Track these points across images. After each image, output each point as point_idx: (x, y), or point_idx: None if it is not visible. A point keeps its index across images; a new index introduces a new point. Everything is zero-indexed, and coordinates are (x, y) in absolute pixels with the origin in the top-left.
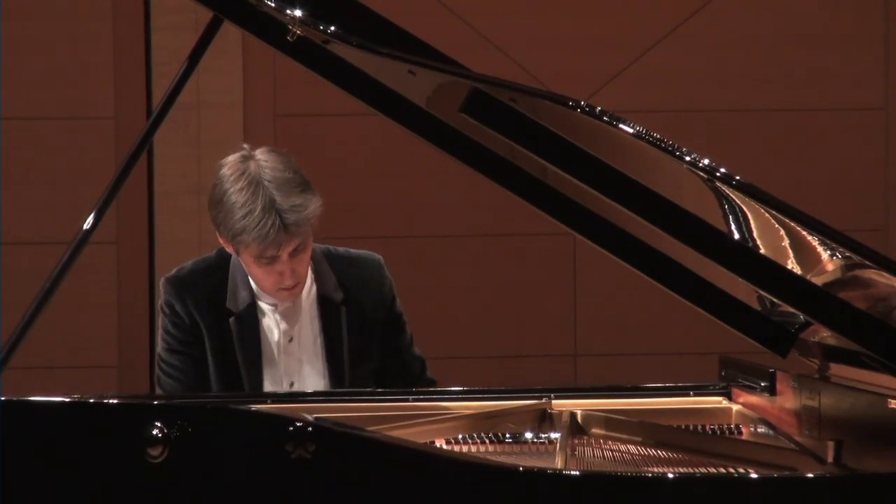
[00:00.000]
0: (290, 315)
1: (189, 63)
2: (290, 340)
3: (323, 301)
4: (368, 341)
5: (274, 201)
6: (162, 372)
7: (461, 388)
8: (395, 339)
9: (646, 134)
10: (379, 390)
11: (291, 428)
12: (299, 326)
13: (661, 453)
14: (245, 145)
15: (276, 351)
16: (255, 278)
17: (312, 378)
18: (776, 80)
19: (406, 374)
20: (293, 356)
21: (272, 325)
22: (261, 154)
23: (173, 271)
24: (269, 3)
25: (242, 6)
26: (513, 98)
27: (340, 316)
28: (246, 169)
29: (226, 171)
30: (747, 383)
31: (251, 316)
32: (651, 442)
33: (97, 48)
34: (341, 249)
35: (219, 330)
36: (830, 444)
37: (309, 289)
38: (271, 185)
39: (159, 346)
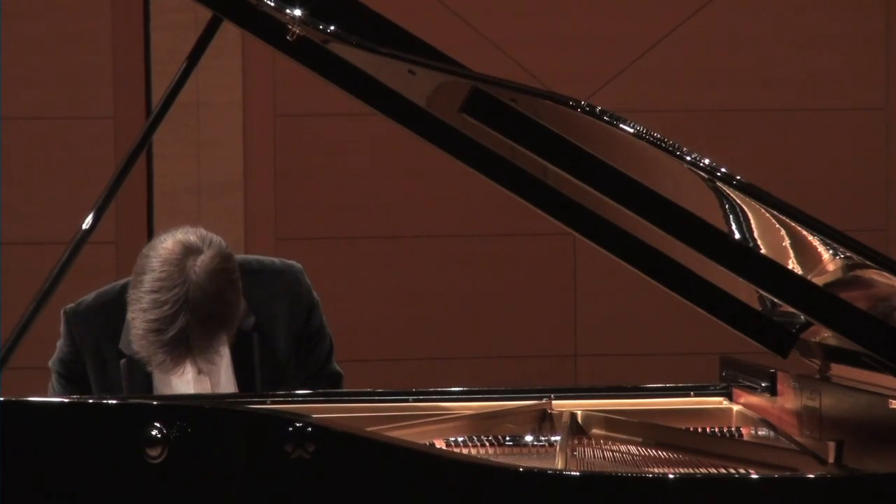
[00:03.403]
0: None
1: (188, 62)
2: (200, 373)
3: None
4: (284, 363)
5: (187, 335)
6: (53, 379)
7: (461, 388)
8: (306, 354)
9: (646, 134)
10: (379, 390)
11: (291, 428)
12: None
13: (662, 454)
14: (191, 237)
15: (184, 384)
16: None
17: None
18: (776, 81)
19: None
20: (204, 388)
21: None
22: (200, 268)
23: (73, 304)
24: (269, 2)
25: (242, 6)
26: (513, 98)
27: (252, 343)
28: (178, 280)
29: (157, 261)
30: (748, 384)
31: None
32: (651, 442)
33: (97, 48)
34: (255, 263)
35: (105, 370)
36: (831, 445)
37: None
38: (194, 314)
39: (53, 357)
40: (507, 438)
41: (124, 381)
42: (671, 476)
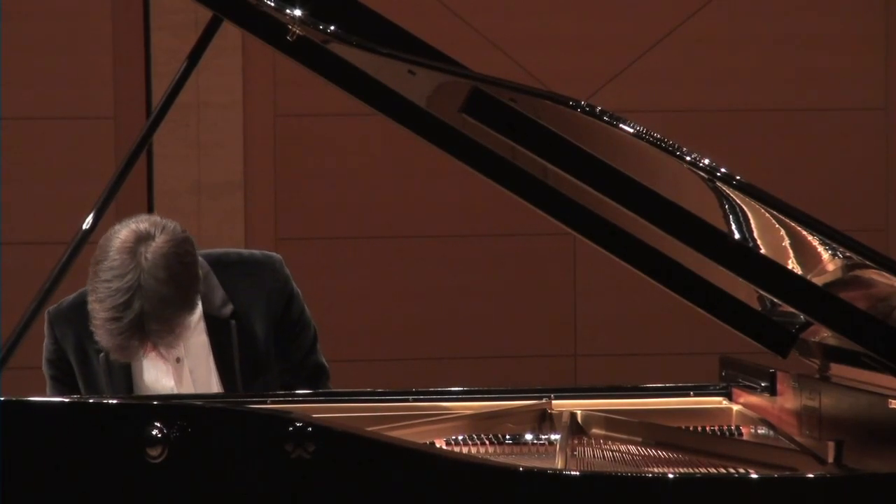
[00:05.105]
0: None
1: (188, 63)
2: (178, 361)
3: (210, 319)
4: (265, 351)
5: (143, 319)
6: (47, 385)
7: (461, 388)
8: (288, 343)
9: (646, 134)
10: (379, 390)
11: (291, 428)
12: (187, 347)
13: (661, 453)
14: (142, 224)
15: (163, 375)
16: None
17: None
18: (776, 80)
19: (299, 383)
20: (184, 377)
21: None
22: (152, 253)
23: (55, 305)
24: (269, 3)
25: (242, 6)
26: (513, 98)
27: (230, 331)
28: (130, 266)
29: (111, 251)
30: (748, 383)
31: None
32: (651, 442)
33: (97, 48)
34: (233, 255)
35: (88, 365)
36: (831, 445)
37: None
38: (148, 299)
39: (42, 360)
40: (507, 438)
41: (104, 374)
42: (671, 476)
